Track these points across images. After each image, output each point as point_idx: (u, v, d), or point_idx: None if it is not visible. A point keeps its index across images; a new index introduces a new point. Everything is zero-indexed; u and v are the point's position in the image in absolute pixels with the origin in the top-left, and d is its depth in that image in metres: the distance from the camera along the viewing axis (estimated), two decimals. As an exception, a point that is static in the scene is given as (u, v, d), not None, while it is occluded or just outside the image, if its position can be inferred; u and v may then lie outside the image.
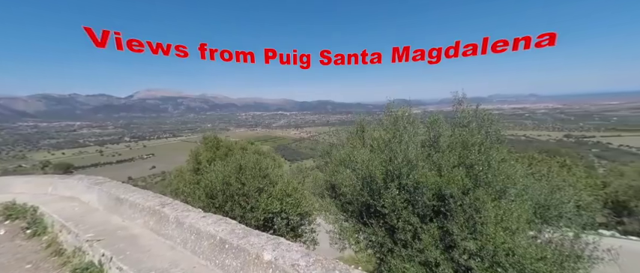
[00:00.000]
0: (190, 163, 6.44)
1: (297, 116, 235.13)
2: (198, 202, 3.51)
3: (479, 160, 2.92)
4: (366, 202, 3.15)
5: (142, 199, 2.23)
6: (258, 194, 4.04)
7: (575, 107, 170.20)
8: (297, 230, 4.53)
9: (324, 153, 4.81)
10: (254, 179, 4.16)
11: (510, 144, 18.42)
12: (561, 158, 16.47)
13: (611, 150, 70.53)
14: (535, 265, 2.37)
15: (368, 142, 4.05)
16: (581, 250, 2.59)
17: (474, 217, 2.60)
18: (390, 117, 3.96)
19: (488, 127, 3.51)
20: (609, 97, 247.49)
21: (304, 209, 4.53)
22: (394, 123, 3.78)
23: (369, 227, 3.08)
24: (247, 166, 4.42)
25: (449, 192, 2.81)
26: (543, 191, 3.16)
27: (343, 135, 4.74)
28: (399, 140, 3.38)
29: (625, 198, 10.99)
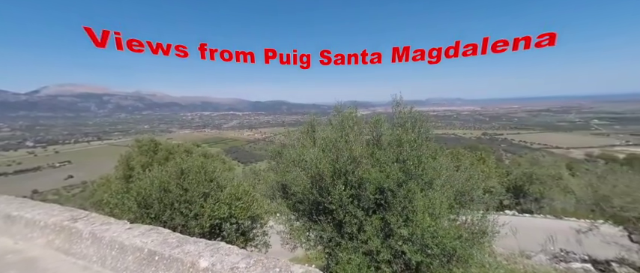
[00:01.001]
0: (120, 170, 5.61)
1: (250, 116, 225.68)
2: (127, 213, 3.08)
3: (410, 156, 3.31)
4: (315, 200, 3.25)
5: (44, 215, 1.84)
6: (203, 200, 3.78)
7: (490, 110, 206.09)
8: (248, 234, 4.38)
9: (274, 154, 4.76)
10: (199, 184, 3.87)
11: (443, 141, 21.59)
12: (479, 153, 19.75)
13: (514, 145, 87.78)
14: (453, 243, 2.82)
15: (318, 142, 4.18)
16: (486, 227, 3.17)
17: (407, 206, 2.95)
18: (337, 118, 4.17)
19: (420, 126, 4.00)
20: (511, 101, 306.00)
21: (256, 212, 4.42)
22: (341, 123, 3.99)
23: (319, 224, 3.19)
24: (191, 170, 4.09)
25: (387, 186, 3.13)
26: (461, 180, 3.76)
27: (294, 135, 4.78)
28: (346, 139, 3.59)
29: (521, 183, 13.82)
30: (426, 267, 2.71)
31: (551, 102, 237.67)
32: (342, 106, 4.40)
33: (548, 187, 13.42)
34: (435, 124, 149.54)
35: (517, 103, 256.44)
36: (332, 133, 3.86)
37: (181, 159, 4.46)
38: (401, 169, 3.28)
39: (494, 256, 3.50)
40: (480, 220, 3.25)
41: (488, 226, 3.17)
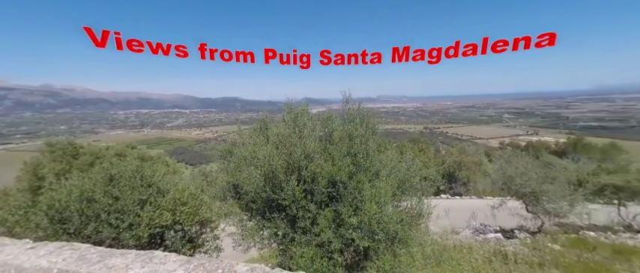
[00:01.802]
0: (24, 181, 4.57)
1: (199, 114, 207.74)
2: (34, 231, 2.52)
3: (360, 150, 3.54)
4: (268, 197, 3.21)
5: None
6: (140, 208, 3.36)
7: (430, 106, 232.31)
8: (196, 241, 4.08)
9: (225, 153, 4.51)
10: (133, 191, 3.42)
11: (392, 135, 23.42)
12: (420, 145, 22.13)
13: (448, 137, 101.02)
14: (396, 227, 3.13)
15: (271, 139, 4.11)
16: (422, 210, 3.60)
17: (356, 197, 3.15)
18: (291, 114, 4.16)
19: (368, 121, 4.28)
20: (446, 99, 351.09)
21: (205, 216, 4.13)
22: (294, 120, 4.00)
23: (273, 222, 3.16)
24: (124, 175, 3.58)
25: (339, 178, 3.28)
26: (402, 170, 4.17)
27: (246, 133, 4.61)
28: (299, 136, 3.62)
29: (453, 170, 16.04)
30: (373, 251, 2.94)
31: (475, 99, 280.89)
32: (297, 103, 4.41)
33: (473, 172, 15.90)
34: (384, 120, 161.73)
35: (450, 101, 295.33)
36: (285, 129, 3.85)
37: (111, 163, 3.87)
38: (351, 163, 3.48)
39: (429, 234, 4.00)
40: (417, 204, 3.68)
41: (424, 209, 3.61)
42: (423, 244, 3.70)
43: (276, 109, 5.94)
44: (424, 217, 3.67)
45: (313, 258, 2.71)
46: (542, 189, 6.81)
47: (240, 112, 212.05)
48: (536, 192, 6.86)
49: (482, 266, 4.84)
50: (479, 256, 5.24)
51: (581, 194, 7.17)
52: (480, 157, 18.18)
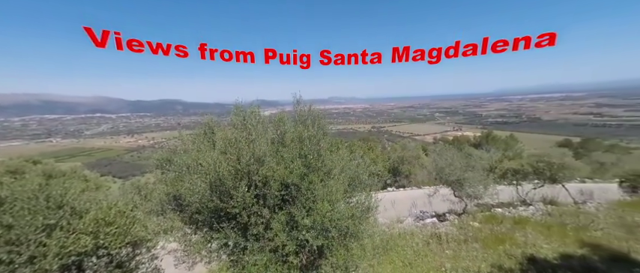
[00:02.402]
0: None
1: (130, 119, 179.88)
2: None
3: (311, 151, 3.59)
4: (216, 207, 2.99)
5: None
6: (46, 235, 2.73)
7: (376, 107, 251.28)
8: (128, 265, 3.52)
9: (163, 161, 4.03)
10: (35, 215, 2.76)
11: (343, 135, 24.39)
12: (369, 143, 23.73)
13: (393, 135, 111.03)
14: (347, 222, 3.29)
15: (218, 144, 3.84)
16: (371, 203, 3.87)
17: (309, 197, 3.19)
18: (239, 117, 3.97)
19: (318, 122, 4.38)
20: (390, 100, 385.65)
21: (138, 235, 3.59)
22: (244, 122, 3.83)
23: (222, 232, 2.96)
24: (20, 197, 2.85)
25: (291, 181, 3.27)
26: (353, 168, 4.41)
27: (189, 138, 4.20)
28: (249, 139, 3.48)
29: (397, 165, 17.69)
30: (327, 249, 3.03)
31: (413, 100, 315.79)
32: (247, 104, 4.22)
33: (413, 166, 17.84)
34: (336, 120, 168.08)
35: (393, 102, 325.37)
36: (233, 133, 3.64)
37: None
38: (303, 164, 3.51)
39: (378, 226, 4.32)
40: (366, 199, 3.94)
41: (372, 203, 3.89)
42: (372, 236, 3.98)
43: (225, 111, 5.60)
44: (373, 210, 3.95)
45: (267, 264, 2.64)
46: (465, 176, 8.09)
47: (182, 115, 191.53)
48: (461, 179, 8.11)
49: (422, 249, 5.47)
50: (419, 240, 5.91)
51: (491, 178, 8.79)
52: (419, 151, 20.51)
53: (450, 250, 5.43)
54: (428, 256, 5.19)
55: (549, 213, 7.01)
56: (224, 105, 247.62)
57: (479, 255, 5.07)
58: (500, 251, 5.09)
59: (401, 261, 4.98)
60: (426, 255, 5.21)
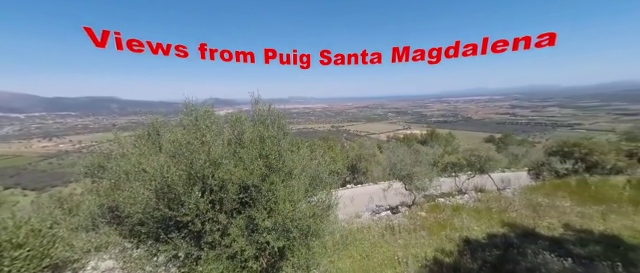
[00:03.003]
0: None
1: (47, 119, 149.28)
2: None
3: (272, 151, 3.52)
4: (163, 216, 2.69)
5: None
6: None
7: (335, 107, 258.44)
8: (47, 294, 2.94)
9: (95, 168, 3.46)
10: None
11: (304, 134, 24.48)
12: (329, 142, 24.28)
13: (351, 134, 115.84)
14: (309, 221, 3.32)
15: (166, 147, 3.47)
16: (331, 201, 3.98)
17: (270, 199, 3.12)
18: (190, 117, 3.65)
19: (279, 122, 4.31)
20: (347, 100, 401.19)
21: (62, 256, 3.03)
22: (196, 123, 3.53)
23: (171, 243, 2.68)
24: None
25: (251, 182, 3.15)
26: (313, 167, 4.46)
27: (128, 141, 3.69)
28: (202, 141, 3.23)
29: (355, 162, 18.52)
30: (288, 249, 3.00)
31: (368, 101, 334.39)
32: (200, 103, 3.90)
33: (370, 163, 18.91)
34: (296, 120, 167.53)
35: (350, 102, 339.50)
36: (184, 134, 3.33)
37: None
38: (264, 165, 3.41)
39: (338, 222, 4.46)
40: (327, 197, 4.03)
41: (332, 201, 4.00)
42: (333, 233, 4.09)
43: (173, 110, 5.15)
44: (333, 207, 4.06)
45: (224, 272, 2.49)
46: (413, 171, 8.92)
47: (119, 115, 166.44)
48: (410, 174, 8.92)
49: (378, 241, 5.85)
50: (375, 232, 6.30)
51: (435, 172, 9.88)
52: (374, 149, 21.83)
53: (402, 239, 5.93)
54: (383, 246, 5.57)
55: (479, 199, 8.22)
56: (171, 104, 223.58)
57: (425, 242, 5.65)
58: (443, 236, 5.77)
59: (359, 254, 5.24)
60: (382, 246, 5.59)
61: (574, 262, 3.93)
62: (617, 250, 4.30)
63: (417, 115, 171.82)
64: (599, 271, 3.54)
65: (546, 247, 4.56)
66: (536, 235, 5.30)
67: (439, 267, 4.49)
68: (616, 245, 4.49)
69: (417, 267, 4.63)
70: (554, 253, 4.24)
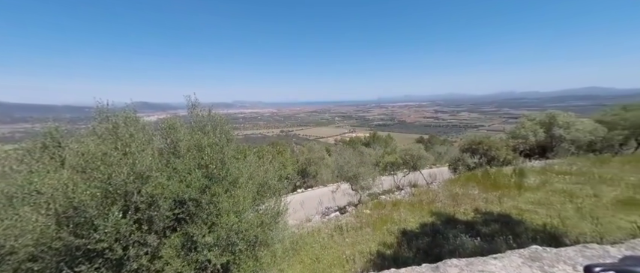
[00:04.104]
0: None
1: None
2: None
3: (213, 159, 3.25)
4: (68, 245, 2.18)
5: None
6: None
7: (284, 111, 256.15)
8: None
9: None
10: None
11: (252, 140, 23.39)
12: (279, 147, 23.84)
13: (301, 138, 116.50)
14: (256, 231, 3.18)
15: (72, 161, 2.84)
16: (280, 208, 3.90)
17: (212, 212, 2.87)
18: (108, 123, 3.08)
19: (222, 128, 4.02)
20: (295, 105, 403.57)
21: None
22: (115, 131, 2.99)
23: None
24: None
25: (188, 196, 2.83)
26: (261, 173, 4.30)
27: (11, 156, 2.87)
28: (124, 151, 2.75)
29: (305, 166, 18.67)
30: (233, 264, 2.81)
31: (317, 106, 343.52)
32: (121, 108, 3.31)
33: (319, 166, 19.34)
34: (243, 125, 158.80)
35: (299, 106, 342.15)
36: (100, 145, 2.79)
37: None
38: (204, 175, 3.12)
39: (288, 228, 4.40)
40: (276, 203, 3.94)
41: (281, 207, 3.93)
42: (283, 240, 4.01)
43: (84, 116, 4.32)
44: (282, 214, 3.99)
45: (156, 303, 2.16)
46: (359, 171, 9.52)
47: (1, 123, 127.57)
48: (356, 174, 9.49)
49: (327, 242, 6.01)
50: (325, 234, 6.45)
51: (377, 171, 10.77)
52: (323, 152, 22.45)
53: (350, 238, 6.24)
54: (333, 247, 5.74)
55: (413, 194, 9.31)
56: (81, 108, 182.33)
57: (370, 237, 6.08)
58: (384, 230, 6.30)
59: (309, 258, 5.27)
60: (331, 247, 5.76)
61: (481, 241, 4.82)
62: (508, 226, 5.47)
63: (360, 119, 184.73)
64: (497, 244, 4.44)
65: (463, 230, 5.46)
66: (456, 220, 6.29)
67: (382, 259, 4.88)
68: (507, 222, 5.71)
69: (362, 262, 4.93)
70: (468, 235, 5.12)
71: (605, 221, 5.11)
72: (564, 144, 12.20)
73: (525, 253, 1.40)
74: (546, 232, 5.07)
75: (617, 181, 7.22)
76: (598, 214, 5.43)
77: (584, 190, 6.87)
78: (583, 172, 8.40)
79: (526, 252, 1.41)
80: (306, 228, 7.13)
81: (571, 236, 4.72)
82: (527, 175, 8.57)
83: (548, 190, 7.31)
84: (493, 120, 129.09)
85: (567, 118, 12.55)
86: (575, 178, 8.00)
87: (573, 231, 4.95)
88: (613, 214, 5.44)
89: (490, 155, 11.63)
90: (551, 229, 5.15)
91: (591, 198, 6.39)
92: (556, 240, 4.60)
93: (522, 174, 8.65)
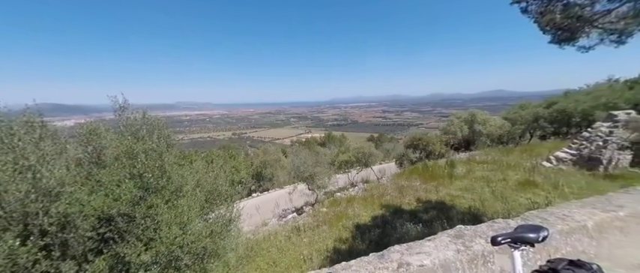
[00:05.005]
0: None
1: None
2: None
3: (150, 167, 2.88)
4: None
5: None
6: None
7: (236, 113, 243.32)
8: None
9: None
10: None
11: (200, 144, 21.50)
12: (231, 151, 22.50)
13: (255, 140, 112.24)
14: (205, 242, 2.94)
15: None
16: (232, 215, 3.69)
17: (149, 226, 2.53)
18: None
19: (160, 132, 3.59)
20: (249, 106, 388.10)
21: None
22: (10, 139, 2.39)
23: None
24: None
25: (117, 211, 2.45)
26: (210, 179, 3.99)
27: None
28: (23, 165, 2.22)
29: (260, 169, 18.05)
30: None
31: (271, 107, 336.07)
32: (20, 111, 2.65)
33: (275, 168, 18.94)
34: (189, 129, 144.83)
35: (252, 108, 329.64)
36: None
37: None
38: (137, 186, 2.74)
39: (242, 235, 4.19)
40: (227, 210, 3.70)
41: (234, 214, 3.72)
42: (236, 248, 3.80)
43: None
44: (235, 221, 3.77)
45: None
46: (315, 171, 9.67)
47: None
48: (312, 174, 9.62)
49: (285, 244, 5.93)
50: (282, 237, 6.36)
51: (332, 170, 11.12)
52: (279, 154, 22.06)
53: (307, 237, 6.28)
54: (290, 249, 5.69)
55: (365, 189, 9.92)
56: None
57: (327, 235, 6.23)
58: (340, 226, 6.55)
59: (266, 263, 5.12)
60: (289, 249, 5.70)
61: (423, 226, 5.43)
62: (443, 211, 6.30)
63: (315, 120, 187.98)
64: (435, 228, 5.06)
65: (408, 219, 6.07)
66: (402, 210, 6.94)
67: (338, 254, 5.06)
68: (442, 208, 6.57)
69: (320, 260, 5.02)
70: (412, 222, 5.70)
71: (511, 200, 6.32)
72: (482, 138, 14.64)
73: (452, 233, 1.63)
74: (471, 213, 6.00)
75: (518, 166, 9.01)
76: (506, 195, 6.67)
77: (496, 176, 8.36)
78: (495, 160, 10.22)
79: (452, 232, 1.64)
80: (262, 232, 6.91)
81: (488, 214, 5.69)
82: (456, 166, 9.98)
83: (471, 178, 8.66)
84: (430, 119, 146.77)
85: (483, 116, 15.09)
86: (490, 165, 9.68)
87: (490, 210, 5.98)
88: (516, 194, 6.76)
89: (428, 150, 13.17)
90: (474, 210, 6.12)
91: (501, 181, 7.82)
92: (477, 219, 5.48)
93: (453, 165, 10.04)
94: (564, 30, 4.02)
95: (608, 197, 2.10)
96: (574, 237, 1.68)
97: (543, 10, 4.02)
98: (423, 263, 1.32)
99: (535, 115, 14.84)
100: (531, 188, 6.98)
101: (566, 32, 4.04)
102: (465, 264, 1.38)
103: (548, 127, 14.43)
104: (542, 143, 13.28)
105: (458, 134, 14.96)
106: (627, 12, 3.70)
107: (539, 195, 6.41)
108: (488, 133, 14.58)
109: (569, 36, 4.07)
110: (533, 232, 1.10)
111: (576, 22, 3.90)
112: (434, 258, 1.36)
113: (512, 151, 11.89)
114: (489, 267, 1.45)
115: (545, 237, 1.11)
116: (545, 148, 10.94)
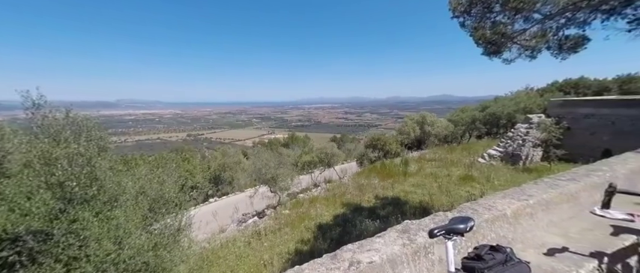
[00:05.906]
0: None
1: None
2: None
3: (76, 174, 2.46)
4: None
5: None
6: None
7: (190, 113, 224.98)
8: None
9: None
10: None
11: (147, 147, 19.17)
12: (184, 153, 20.67)
13: (213, 142, 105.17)
14: (148, 256, 2.62)
15: None
16: (182, 223, 3.38)
17: (72, 244, 2.16)
18: None
19: (90, 134, 3.11)
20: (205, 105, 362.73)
21: None
22: None
23: None
24: None
25: (27, 228, 2.03)
26: (155, 186, 3.59)
27: None
28: None
29: (218, 173, 16.99)
30: (111, 306, 2.21)
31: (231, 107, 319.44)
32: None
33: (235, 171, 18.01)
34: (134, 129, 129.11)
35: (210, 107, 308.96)
36: None
37: None
38: (56, 196, 2.31)
39: (194, 244, 3.86)
40: (176, 219, 3.37)
41: (184, 222, 3.41)
42: (187, 260, 3.49)
43: None
44: (185, 229, 3.46)
45: None
46: (277, 173, 9.47)
47: None
48: (275, 176, 9.40)
49: (244, 251, 5.66)
50: (241, 243, 6.06)
51: (296, 171, 11.03)
52: (239, 156, 21.04)
53: (268, 241, 6.10)
54: (250, 255, 5.46)
55: (328, 189, 10.08)
56: None
57: (289, 237, 6.15)
58: (302, 228, 6.53)
59: (222, 272, 4.81)
60: (248, 255, 5.46)
61: (380, 222, 5.74)
62: (398, 207, 6.76)
63: (279, 121, 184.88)
64: (391, 223, 5.40)
65: (367, 216, 6.35)
66: (362, 208, 7.24)
67: (299, 256, 5.02)
68: (397, 203, 7.06)
69: (281, 264, 4.92)
70: (371, 219, 5.98)
71: (454, 193, 7.10)
72: (431, 137, 16.19)
73: (399, 228, 1.74)
74: (422, 206, 6.56)
75: (460, 163, 10.19)
76: (450, 189, 7.47)
77: (442, 172, 9.31)
78: (442, 158, 11.38)
79: (400, 227, 1.76)
80: (219, 240, 6.49)
81: (435, 207, 6.29)
82: (409, 164, 10.82)
83: (422, 174, 9.49)
84: (387, 120, 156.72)
85: (432, 118, 16.71)
86: (438, 163, 10.75)
87: (437, 203, 6.62)
88: (458, 187, 7.62)
89: (386, 149, 14.02)
90: (424, 204, 6.70)
91: (446, 177, 8.73)
92: (427, 212, 6.02)
93: (407, 163, 10.86)
94: (492, 44, 4.69)
95: (522, 188, 2.50)
96: (497, 224, 1.96)
97: (477, 26, 4.62)
98: (372, 260, 1.37)
99: (472, 117, 17.02)
100: (470, 182, 7.94)
101: (494, 46, 4.72)
102: (410, 257, 1.49)
103: (482, 128, 16.69)
104: (479, 142, 15.28)
105: (411, 135, 16.27)
106: (537, 32, 4.49)
107: (476, 188, 7.34)
108: (436, 133, 16.20)
109: (496, 49, 4.76)
110: (462, 223, 1.23)
111: (501, 38, 4.58)
112: (382, 254, 1.42)
113: (455, 149, 13.38)
114: (430, 257, 1.59)
115: (472, 226, 1.26)
116: (481, 147, 12.59)
